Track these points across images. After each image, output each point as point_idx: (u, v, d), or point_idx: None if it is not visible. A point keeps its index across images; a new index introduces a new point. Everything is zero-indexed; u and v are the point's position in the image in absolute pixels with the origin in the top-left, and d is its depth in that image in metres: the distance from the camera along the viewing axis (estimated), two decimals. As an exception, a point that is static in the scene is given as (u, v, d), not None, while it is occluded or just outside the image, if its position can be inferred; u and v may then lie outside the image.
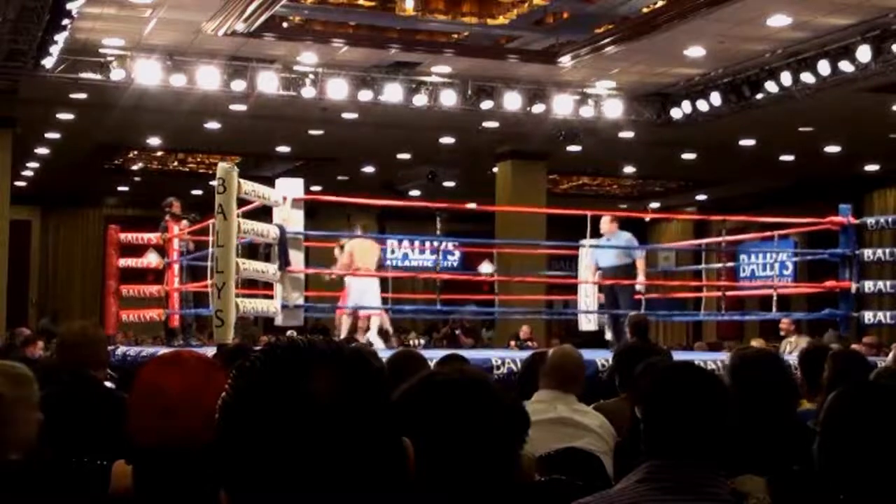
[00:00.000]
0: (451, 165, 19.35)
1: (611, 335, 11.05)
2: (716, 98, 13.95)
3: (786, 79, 12.77)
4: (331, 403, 1.04)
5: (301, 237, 9.91)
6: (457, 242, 17.95)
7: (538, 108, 14.44)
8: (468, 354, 7.09)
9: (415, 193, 21.57)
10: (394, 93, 13.78)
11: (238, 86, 13.21)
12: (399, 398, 1.70)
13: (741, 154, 18.01)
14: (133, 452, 2.48)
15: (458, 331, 17.13)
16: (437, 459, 1.64)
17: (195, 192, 20.01)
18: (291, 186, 9.98)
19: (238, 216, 8.67)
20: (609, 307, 11.11)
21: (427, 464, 1.25)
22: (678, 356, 6.16)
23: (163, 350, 5.16)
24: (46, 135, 17.16)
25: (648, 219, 23.47)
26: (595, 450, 4.05)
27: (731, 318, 17.18)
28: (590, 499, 2.29)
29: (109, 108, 14.40)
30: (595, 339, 11.58)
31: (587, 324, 12.20)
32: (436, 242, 13.17)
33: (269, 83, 13.30)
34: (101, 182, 22.28)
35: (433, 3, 12.23)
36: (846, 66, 11.98)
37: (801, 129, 16.15)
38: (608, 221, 11.19)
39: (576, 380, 4.54)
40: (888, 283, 11.63)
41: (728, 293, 13.73)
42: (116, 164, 20.62)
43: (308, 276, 10.48)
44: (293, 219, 9.71)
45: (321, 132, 17.01)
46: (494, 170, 18.31)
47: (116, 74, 12.81)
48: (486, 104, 14.20)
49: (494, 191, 18.02)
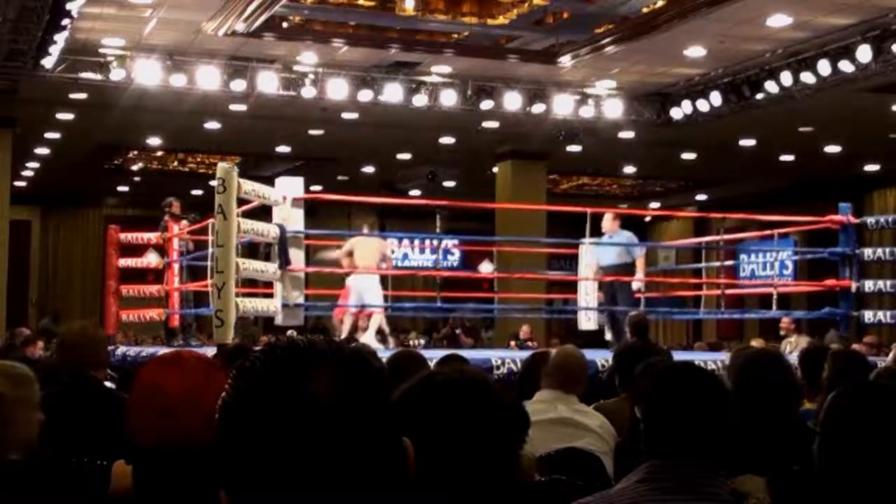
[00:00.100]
0: (451, 165, 19.35)
1: (610, 334, 11.05)
2: (716, 98, 13.95)
3: (786, 79, 12.76)
4: (331, 403, 1.04)
5: (301, 236, 9.91)
6: (457, 241, 17.96)
7: (538, 108, 14.43)
8: (468, 354, 7.09)
9: (415, 193, 21.56)
10: (394, 93, 13.78)
11: (238, 86, 13.21)
12: (399, 398, 1.70)
13: (741, 154, 18.00)
14: (133, 452, 2.48)
15: (458, 330, 17.11)
16: (437, 459, 1.64)
17: (195, 192, 20.01)
18: (291, 185, 9.98)
19: (238, 216, 8.68)
20: (608, 305, 11.11)
21: (427, 464, 1.25)
22: (678, 356, 6.16)
23: (163, 350, 5.17)
24: (46, 135, 17.15)
25: (649, 218, 23.53)
26: (595, 450, 4.05)
27: (731, 316, 17.18)
28: (590, 499, 2.29)
29: (109, 108, 14.39)
30: (595, 339, 11.57)
31: (587, 323, 12.19)
32: (436, 241, 13.13)
33: (269, 83, 13.30)
34: (101, 182, 22.28)
35: (433, 3, 12.23)
36: (846, 66, 11.97)
37: (801, 129, 16.15)
38: (610, 219, 11.17)
39: (578, 380, 4.55)
40: (888, 283, 11.64)
41: (728, 291, 13.72)
42: (116, 164, 20.61)
43: (308, 275, 10.48)
44: (293, 218, 9.71)
45: (321, 132, 17.00)
46: (494, 170, 18.30)
47: (116, 74, 12.80)
48: (486, 104, 14.20)
49: (494, 191, 17.99)
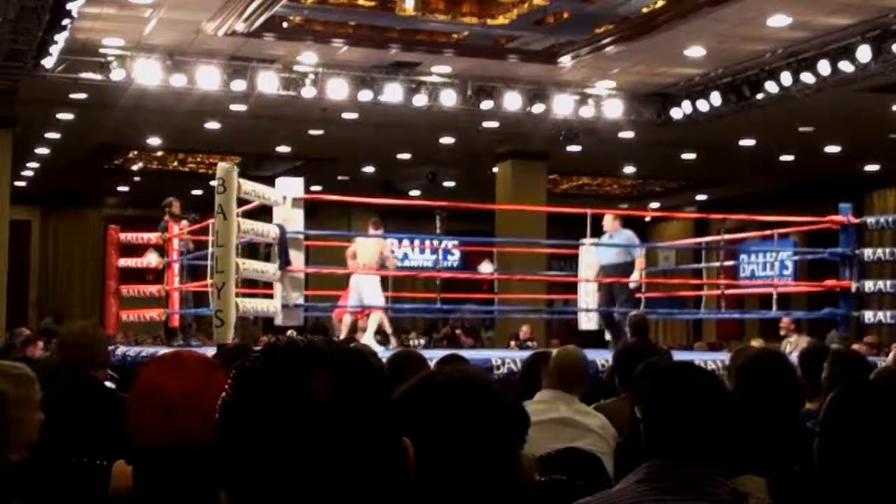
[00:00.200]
0: (451, 165, 19.34)
1: (608, 334, 11.04)
2: (716, 98, 13.94)
3: (786, 79, 12.76)
4: (331, 403, 1.04)
5: (301, 237, 9.91)
6: (457, 242, 17.96)
7: (538, 108, 14.42)
8: (468, 354, 7.10)
9: (415, 193, 21.56)
10: (394, 93, 13.77)
11: (238, 86, 13.21)
12: (399, 398, 1.70)
13: (741, 154, 18.00)
14: (133, 452, 2.48)
15: (458, 330, 17.11)
16: (437, 459, 1.64)
17: (195, 192, 20.01)
18: (291, 186, 9.98)
19: (238, 216, 8.68)
20: (605, 305, 11.12)
21: (427, 464, 1.25)
22: (678, 356, 6.16)
23: (163, 350, 5.17)
24: (46, 135, 17.15)
25: (649, 218, 23.53)
26: (596, 450, 4.05)
27: (731, 316, 17.17)
28: (590, 499, 2.29)
29: (109, 108, 14.39)
30: (595, 339, 11.57)
31: (587, 323, 12.19)
32: (436, 242, 13.13)
33: (269, 83, 13.30)
34: (101, 182, 22.27)
35: (433, 3, 12.23)
36: (846, 66, 11.97)
37: (801, 129, 16.14)
38: (611, 219, 11.23)
39: (579, 381, 4.55)
40: (888, 283, 11.64)
41: (728, 291, 13.72)
42: (116, 164, 20.61)
43: (308, 276, 10.48)
44: (293, 218, 9.71)
45: (321, 132, 17.00)
46: (494, 170, 18.29)
47: (116, 74, 12.80)
48: (486, 104, 14.19)
49: (494, 191, 18.00)
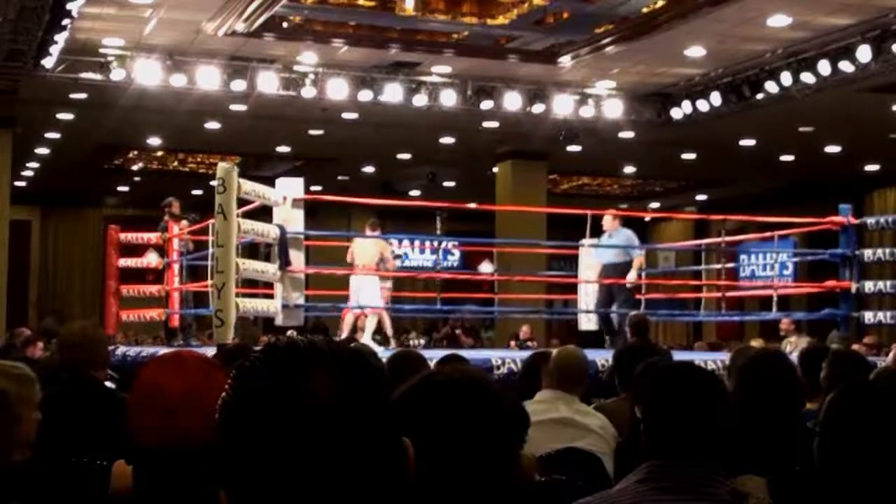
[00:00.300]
0: (451, 165, 19.34)
1: (605, 333, 11.04)
2: (716, 98, 13.94)
3: (786, 79, 12.76)
4: (331, 403, 1.04)
5: (301, 237, 9.92)
6: (457, 242, 17.96)
7: (538, 108, 14.42)
8: (468, 354, 7.10)
9: (415, 194, 21.55)
10: (394, 93, 13.77)
11: (238, 86, 13.20)
12: (399, 398, 1.69)
13: (741, 154, 18.00)
14: (133, 452, 2.48)
15: (458, 330, 17.10)
16: (437, 459, 1.64)
17: (195, 192, 20.00)
18: (291, 186, 9.98)
19: (238, 216, 8.68)
20: (603, 304, 11.11)
21: (427, 464, 1.25)
22: (678, 356, 6.16)
23: (163, 350, 5.16)
24: (46, 135, 17.15)
25: (649, 218, 23.52)
26: (596, 450, 4.05)
27: (731, 318, 17.16)
28: (590, 499, 2.29)
29: (109, 108, 14.39)
30: (596, 339, 11.57)
31: (587, 323, 12.19)
32: (436, 242, 13.13)
33: (269, 83, 13.29)
34: (101, 182, 22.27)
35: (433, 3, 12.23)
36: (846, 66, 11.97)
37: (801, 129, 16.14)
38: (610, 219, 11.27)
39: (579, 381, 4.55)
40: (888, 283, 11.63)
41: (728, 293, 13.72)
42: (116, 164, 20.61)
43: (308, 276, 10.49)
44: (293, 218, 9.72)
45: (321, 132, 17.00)
46: (494, 170, 18.29)
47: (116, 74, 12.80)
48: (486, 104, 14.19)
49: (494, 191, 18.00)
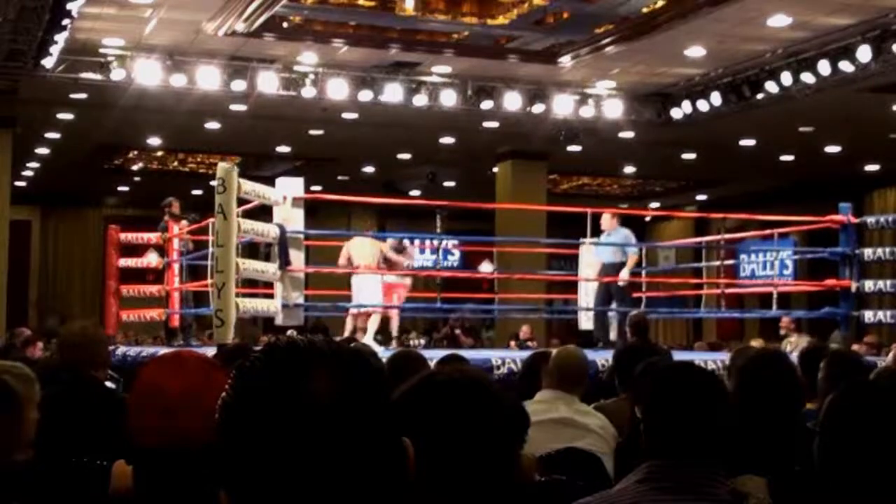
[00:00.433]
0: (451, 165, 19.34)
1: (600, 332, 11.02)
2: (716, 98, 13.94)
3: (786, 79, 12.75)
4: (331, 403, 1.04)
5: (301, 236, 9.92)
6: (457, 241, 17.95)
7: (538, 108, 14.42)
8: (468, 354, 7.10)
9: (415, 193, 21.55)
10: (394, 93, 13.77)
11: (238, 86, 13.20)
12: (399, 398, 1.70)
13: (741, 154, 18.00)
14: (133, 452, 2.47)
15: (458, 330, 17.10)
16: (437, 459, 1.64)
17: (195, 192, 20.00)
18: (292, 185, 9.99)
19: (238, 216, 8.68)
20: (601, 304, 11.12)
21: (427, 464, 1.25)
22: (678, 356, 6.16)
23: (163, 350, 5.17)
24: (46, 135, 17.15)
25: (649, 218, 23.52)
26: (596, 450, 4.05)
27: (731, 315, 17.16)
28: (590, 499, 2.29)
29: (109, 108, 14.39)
30: (589, 341, 11.56)
31: (587, 323, 12.19)
32: (436, 241, 13.13)
33: (269, 83, 13.29)
34: (101, 182, 22.27)
35: (433, 3, 12.23)
36: (846, 66, 11.96)
37: (801, 129, 16.14)
38: (609, 218, 11.28)
39: (579, 380, 4.55)
40: (888, 283, 11.63)
41: (728, 291, 13.71)
42: (116, 164, 20.61)
43: (308, 275, 10.48)
44: (293, 218, 9.72)
45: (321, 132, 17.00)
46: (494, 170, 18.30)
47: (116, 74, 12.80)
48: (486, 104, 14.19)
49: (494, 191, 18.00)
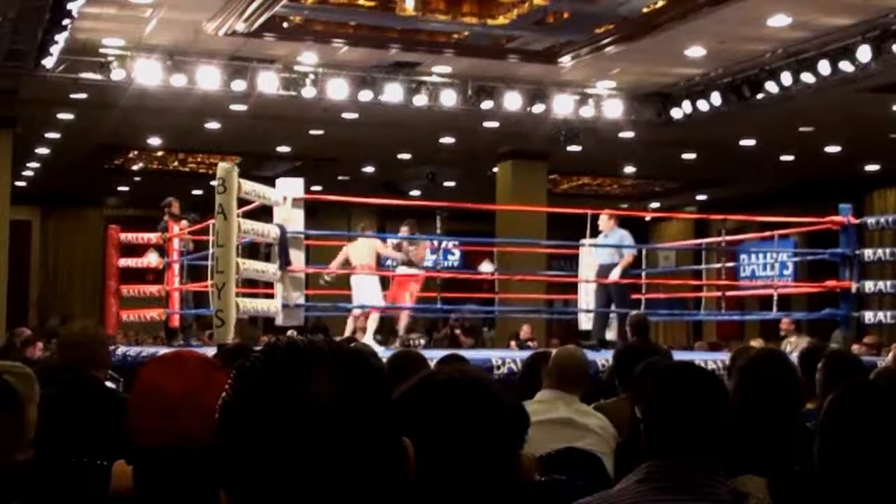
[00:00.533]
0: (451, 165, 19.34)
1: (597, 332, 11.01)
2: (716, 98, 13.93)
3: (786, 79, 12.75)
4: (331, 403, 1.04)
5: (301, 236, 9.92)
6: (457, 242, 17.95)
7: (538, 108, 14.42)
8: (468, 354, 7.10)
9: (415, 193, 21.54)
10: (394, 93, 13.77)
11: (238, 86, 13.20)
12: (399, 398, 1.70)
13: (741, 154, 17.99)
14: (133, 452, 2.47)
15: (458, 330, 17.10)
16: (437, 459, 1.64)
17: (195, 192, 20.00)
18: (292, 186, 9.98)
19: (238, 216, 8.68)
20: (600, 304, 11.12)
21: (427, 464, 1.25)
22: (678, 356, 6.15)
23: (163, 350, 5.17)
24: (46, 135, 17.15)
25: (649, 218, 23.52)
26: (596, 450, 4.05)
27: (731, 318, 17.16)
28: (590, 499, 2.29)
29: (109, 108, 14.39)
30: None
31: (587, 323, 12.19)
32: (436, 242, 13.13)
33: (269, 83, 13.29)
34: (101, 182, 22.27)
35: (433, 3, 12.22)
36: (846, 66, 11.96)
37: (801, 129, 16.14)
38: (606, 219, 11.29)
39: (579, 380, 4.55)
40: (889, 283, 11.63)
41: (728, 293, 13.72)
42: (116, 164, 20.60)
43: (308, 276, 10.48)
44: (293, 218, 9.72)
45: (321, 132, 17.00)
46: (494, 170, 18.29)
47: (116, 74, 12.80)
48: (486, 104, 14.18)
49: (495, 191, 18.00)
